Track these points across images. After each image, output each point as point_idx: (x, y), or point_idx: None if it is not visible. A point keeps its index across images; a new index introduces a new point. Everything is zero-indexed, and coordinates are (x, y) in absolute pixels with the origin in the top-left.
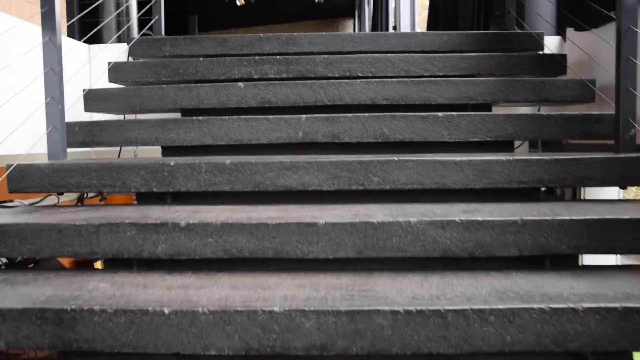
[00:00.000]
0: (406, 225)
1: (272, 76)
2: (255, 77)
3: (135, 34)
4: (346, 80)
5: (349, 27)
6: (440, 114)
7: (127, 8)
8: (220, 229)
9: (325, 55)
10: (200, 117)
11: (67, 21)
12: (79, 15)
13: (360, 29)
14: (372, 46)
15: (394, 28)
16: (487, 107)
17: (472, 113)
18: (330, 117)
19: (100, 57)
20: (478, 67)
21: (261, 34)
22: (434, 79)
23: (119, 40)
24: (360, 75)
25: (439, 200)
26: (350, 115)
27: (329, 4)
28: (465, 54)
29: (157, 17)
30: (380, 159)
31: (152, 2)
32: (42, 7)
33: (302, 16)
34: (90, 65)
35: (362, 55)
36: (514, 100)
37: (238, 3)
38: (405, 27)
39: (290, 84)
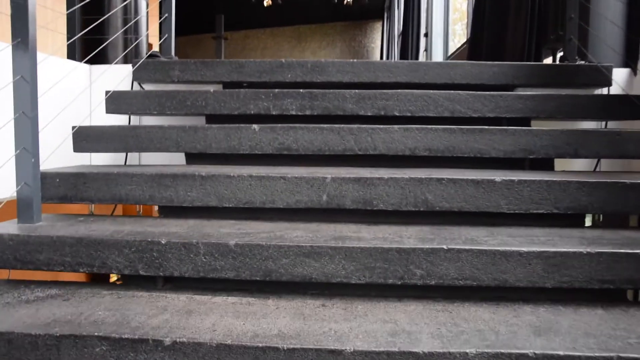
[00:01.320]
0: (462, 358)
1: (294, 113)
2: (273, 113)
3: (144, 52)
4: (381, 126)
5: (377, 30)
6: (497, 178)
7: (137, 24)
8: (215, 352)
9: (356, 90)
10: (203, 173)
11: (68, 39)
12: (81, 33)
13: (389, 33)
14: (411, 77)
15: (425, 35)
16: (548, 162)
17: (537, 179)
18: (361, 179)
19: (103, 79)
20: (536, 108)
21: (283, 60)
22: (486, 127)
23: (126, 60)
24: (397, 114)
25: (498, 298)
26: (386, 177)
27: (357, 5)
28: (521, 92)
29: (166, 35)
30: (424, 247)
31: (162, 19)
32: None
33: (331, 17)
34: (90, 89)
35: (399, 91)
36: (583, 156)
37: (265, 4)
38: (437, 35)
39: (315, 129)
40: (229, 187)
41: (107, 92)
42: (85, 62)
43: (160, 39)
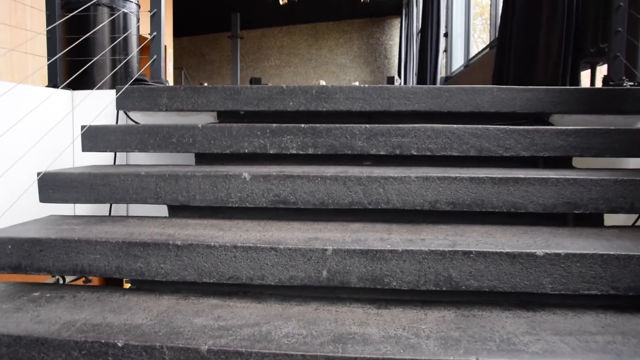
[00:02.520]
0: None
1: (294, 151)
2: (271, 151)
3: (134, 73)
4: (395, 175)
5: (396, 27)
6: (539, 252)
7: (126, 42)
8: None
9: (367, 125)
10: (178, 242)
11: (48, 61)
12: (61, 53)
13: (408, 30)
14: (431, 104)
15: (445, 35)
16: (597, 218)
17: (590, 252)
18: (369, 252)
19: (86, 106)
20: (580, 145)
21: (284, 86)
22: (521, 175)
23: (114, 83)
24: (414, 153)
25: None
26: (400, 249)
27: (375, 2)
28: (562, 127)
29: (155, 57)
30: None
31: (150, 38)
32: None
33: (348, 14)
34: (73, 117)
35: (417, 126)
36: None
37: (281, 2)
38: (458, 35)
39: (316, 178)
40: (210, 258)
41: (82, 127)
42: (66, 87)
43: (149, 59)
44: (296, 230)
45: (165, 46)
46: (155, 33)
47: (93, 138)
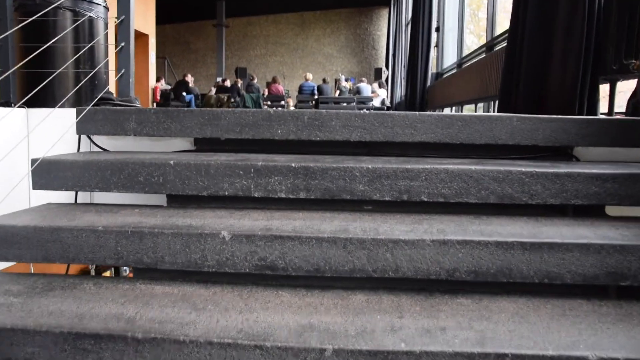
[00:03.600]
0: None
1: (283, 195)
2: (256, 195)
3: (102, 87)
4: (406, 238)
5: (384, 17)
6: (591, 356)
7: (91, 52)
8: None
9: (369, 166)
10: (139, 334)
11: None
12: (17, 66)
13: (397, 21)
14: (441, 135)
15: (437, 29)
16: None
17: None
18: (378, 354)
19: (43, 129)
20: (618, 192)
21: (271, 111)
22: (557, 241)
23: (79, 99)
24: (425, 199)
25: None
26: (417, 350)
27: None
28: (597, 171)
29: (123, 70)
30: None
31: (118, 49)
32: None
33: (335, 4)
34: (28, 140)
35: (428, 167)
36: None
37: None
38: (449, 29)
39: (310, 240)
40: (179, 358)
41: (33, 161)
42: (22, 106)
43: (116, 73)
44: (286, 309)
45: (147, 35)
46: (123, 44)
47: (46, 174)
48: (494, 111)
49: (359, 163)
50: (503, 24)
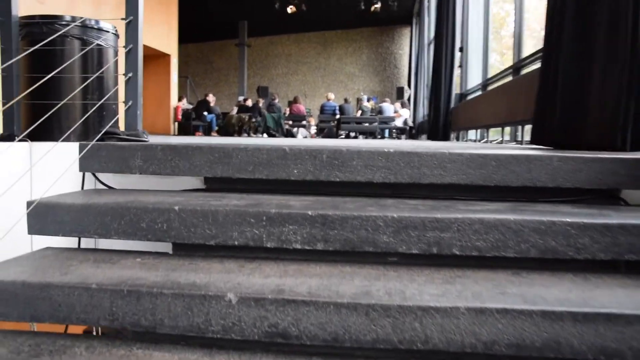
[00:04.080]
0: None
1: (299, 246)
2: (268, 245)
3: (111, 118)
4: (437, 305)
5: (405, 36)
6: None
7: (99, 82)
8: None
9: (394, 215)
10: None
11: (3, 104)
12: (22, 95)
13: (419, 40)
14: (473, 176)
15: (460, 50)
16: None
17: None
18: None
19: (46, 164)
20: None
21: (286, 148)
22: (615, 311)
23: (86, 133)
24: (457, 253)
25: None
26: None
27: (385, 11)
28: None
29: (130, 103)
30: None
31: (126, 78)
32: None
33: (357, 23)
34: (31, 176)
35: (460, 217)
36: None
37: (289, 11)
38: (473, 50)
39: (327, 306)
40: None
41: (29, 204)
42: (24, 139)
43: (125, 104)
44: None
45: (169, 55)
46: (130, 74)
47: (42, 217)
48: (522, 136)
49: (383, 211)
50: (526, 42)
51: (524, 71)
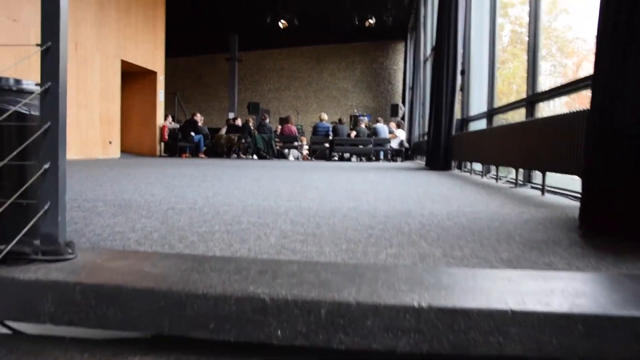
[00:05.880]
0: None
1: None
2: None
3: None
4: None
5: (400, 52)
6: None
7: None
8: None
9: None
10: None
11: None
12: None
13: (415, 55)
14: (551, 347)
15: (462, 72)
16: None
17: None
18: None
19: None
20: None
21: (266, 297)
22: None
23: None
24: None
25: None
26: None
27: (379, 26)
28: None
29: (49, 203)
30: None
31: (46, 166)
32: None
33: (350, 38)
34: None
35: None
36: None
37: (281, 25)
38: (476, 75)
39: None
40: None
41: None
42: None
43: (39, 205)
44: None
45: (156, 72)
46: (48, 164)
47: None
48: (543, 183)
49: None
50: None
51: (540, 104)
